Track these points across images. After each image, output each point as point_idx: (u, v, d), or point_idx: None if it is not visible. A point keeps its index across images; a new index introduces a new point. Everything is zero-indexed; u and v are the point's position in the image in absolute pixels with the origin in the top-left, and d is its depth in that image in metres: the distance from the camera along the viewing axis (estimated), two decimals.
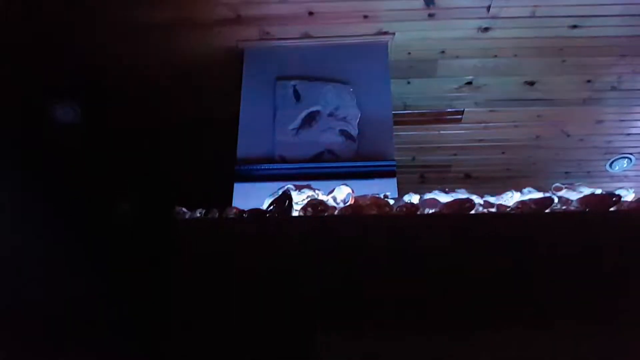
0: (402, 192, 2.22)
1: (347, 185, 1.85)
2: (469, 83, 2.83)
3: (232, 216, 1.58)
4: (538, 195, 1.72)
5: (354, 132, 2.43)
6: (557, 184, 1.76)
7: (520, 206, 1.55)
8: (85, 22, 2.47)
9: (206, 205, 1.72)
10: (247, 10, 2.47)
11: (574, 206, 1.55)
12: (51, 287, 2.25)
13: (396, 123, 2.99)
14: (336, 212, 1.60)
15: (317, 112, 2.45)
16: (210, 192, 2.25)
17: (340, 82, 2.51)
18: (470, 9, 2.47)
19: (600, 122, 3.05)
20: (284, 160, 2.35)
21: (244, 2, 2.44)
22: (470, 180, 3.41)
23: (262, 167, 2.32)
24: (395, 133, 3.05)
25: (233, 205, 2.24)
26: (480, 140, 3.14)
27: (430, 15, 2.49)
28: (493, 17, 2.50)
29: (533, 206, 1.53)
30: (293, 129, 2.42)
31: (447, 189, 1.88)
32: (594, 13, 2.50)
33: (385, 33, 2.57)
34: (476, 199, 1.72)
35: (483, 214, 1.55)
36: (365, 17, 2.51)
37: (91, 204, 2.59)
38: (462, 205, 1.55)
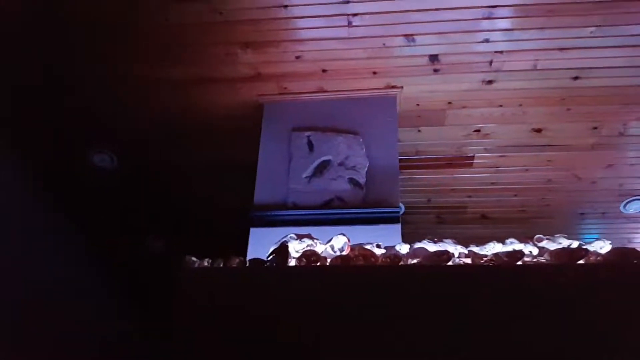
0: (419, 231, 2.38)
1: (344, 234, 2.02)
2: (477, 130, 2.97)
3: (234, 265, 1.78)
4: (519, 246, 1.86)
5: (362, 180, 2.61)
6: (539, 236, 1.88)
7: (493, 258, 1.68)
8: (118, 78, 2.79)
9: (224, 248, 1.94)
10: (266, 68, 2.72)
11: (545, 259, 1.68)
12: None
13: (409, 167, 3.18)
14: (328, 263, 1.78)
15: (329, 161, 2.65)
16: (231, 235, 2.48)
17: (351, 133, 2.71)
18: (473, 64, 2.63)
19: (610, 166, 3.12)
20: (296, 206, 2.55)
21: (263, 62, 2.69)
22: (487, 221, 3.51)
23: (276, 213, 2.53)
24: (409, 177, 3.24)
25: (249, 250, 2.47)
26: (492, 183, 3.26)
27: (436, 71, 2.67)
28: (496, 71, 2.66)
29: (505, 258, 1.66)
30: (306, 177, 2.62)
31: (435, 239, 2.02)
32: (595, 65, 2.61)
33: (394, 87, 2.76)
34: (460, 249, 1.87)
35: (454, 266, 1.69)
36: (375, 73, 2.71)
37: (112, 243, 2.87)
38: (440, 257, 1.70)
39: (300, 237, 2.00)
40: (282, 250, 1.79)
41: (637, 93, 2.74)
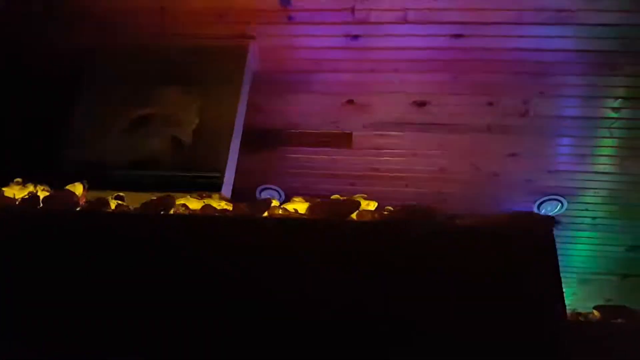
0: None
1: (82, 183, 1.60)
2: (351, 101, 2.51)
3: None
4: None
5: (187, 139, 2.15)
6: None
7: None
8: None
9: None
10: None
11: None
12: None
13: (282, 144, 2.73)
14: None
15: (151, 115, 2.21)
16: None
17: (187, 85, 2.27)
18: (332, 11, 2.20)
19: (513, 155, 2.62)
20: (100, 166, 2.08)
21: None
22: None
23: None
24: (283, 155, 2.77)
25: None
26: (376, 169, 2.76)
27: (290, 18, 2.24)
28: (361, 22, 2.22)
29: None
30: (119, 133, 2.17)
31: (204, 194, 1.58)
32: (480, 20, 2.17)
33: (243, 36, 2.33)
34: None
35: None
36: (220, 16, 2.28)
37: None
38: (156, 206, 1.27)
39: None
40: None
41: (538, 59, 2.28)
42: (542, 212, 2.79)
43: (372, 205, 1.48)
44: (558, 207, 2.77)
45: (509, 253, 1.25)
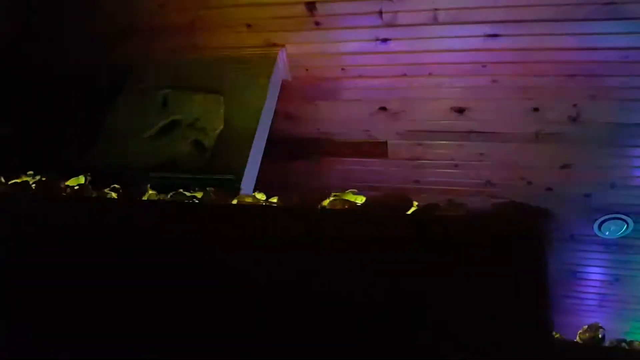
0: None
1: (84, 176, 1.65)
2: (383, 108, 2.40)
3: None
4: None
5: (209, 143, 2.16)
6: None
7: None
8: None
9: None
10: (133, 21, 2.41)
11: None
12: None
13: (314, 153, 2.67)
14: None
15: (178, 121, 2.25)
16: None
17: (212, 92, 2.29)
18: (358, 15, 2.13)
19: (565, 166, 2.36)
20: (123, 167, 2.15)
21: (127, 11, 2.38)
22: None
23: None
24: (317, 165, 2.71)
25: None
26: (416, 182, 2.61)
27: (317, 24, 2.20)
28: (389, 25, 2.13)
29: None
30: (148, 138, 2.23)
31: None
32: (515, 17, 2.00)
33: (274, 45, 2.32)
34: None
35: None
36: (249, 26, 2.29)
37: None
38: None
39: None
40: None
41: (586, 59, 2.06)
42: (606, 234, 2.48)
43: (359, 199, 1.37)
44: (624, 228, 2.45)
45: (490, 244, 1.10)
